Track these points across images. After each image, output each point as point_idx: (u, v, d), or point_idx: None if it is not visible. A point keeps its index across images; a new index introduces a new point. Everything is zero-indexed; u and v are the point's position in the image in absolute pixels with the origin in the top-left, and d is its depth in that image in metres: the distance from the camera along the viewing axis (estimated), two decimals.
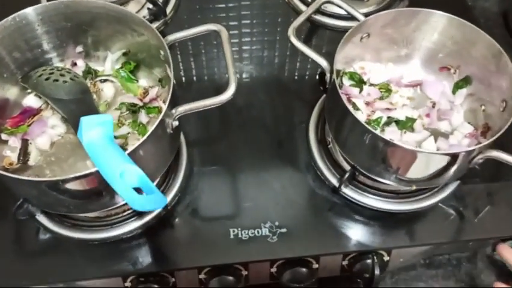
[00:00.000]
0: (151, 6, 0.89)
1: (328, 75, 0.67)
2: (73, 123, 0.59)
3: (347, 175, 0.71)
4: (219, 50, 0.90)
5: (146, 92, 0.73)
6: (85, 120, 0.52)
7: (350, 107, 0.62)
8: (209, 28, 0.63)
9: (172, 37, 0.64)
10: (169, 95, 0.58)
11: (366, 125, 0.61)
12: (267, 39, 0.92)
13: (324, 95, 0.83)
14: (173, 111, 0.59)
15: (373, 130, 0.61)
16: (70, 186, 0.55)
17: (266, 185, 0.76)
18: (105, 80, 0.74)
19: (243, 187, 0.76)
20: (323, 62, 0.66)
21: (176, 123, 0.60)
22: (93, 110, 0.61)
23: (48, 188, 0.55)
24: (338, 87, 0.62)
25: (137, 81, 0.74)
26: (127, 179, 0.47)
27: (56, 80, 0.63)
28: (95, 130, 0.52)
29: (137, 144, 0.54)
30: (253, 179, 0.77)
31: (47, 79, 0.64)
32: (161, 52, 0.65)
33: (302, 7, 0.94)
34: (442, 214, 0.75)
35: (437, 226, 0.74)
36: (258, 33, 0.92)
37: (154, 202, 0.45)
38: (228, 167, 0.78)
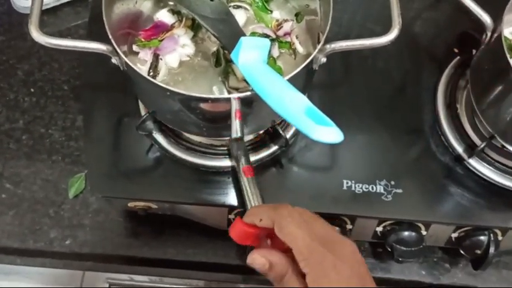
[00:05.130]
0: None
1: (489, 33, 0.62)
2: (225, 42, 0.56)
3: (481, 146, 0.66)
4: None
5: (280, 25, 0.70)
6: (245, 41, 0.50)
7: None
8: None
9: None
10: (327, 28, 0.55)
11: None
12: None
13: (458, 58, 0.78)
14: (327, 46, 0.55)
15: None
16: (210, 107, 0.54)
17: (385, 142, 0.72)
18: (238, 7, 0.71)
19: (361, 140, 0.72)
20: (487, 18, 0.61)
21: (324, 60, 0.56)
22: (240, 32, 0.58)
23: (188, 103, 0.54)
24: (504, 45, 0.57)
25: (271, 12, 0.71)
26: (293, 107, 0.44)
27: None
28: (253, 52, 0.50)
29: (290, 76, 0.51)
30: (372, 133, 0.73)
31: None
32: None
33: None
34: None
35: None
36: None
37: (330, 133, 0.43)
38: (347, 116, 0.74)
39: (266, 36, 0.68)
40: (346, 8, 0.84)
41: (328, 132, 0.43)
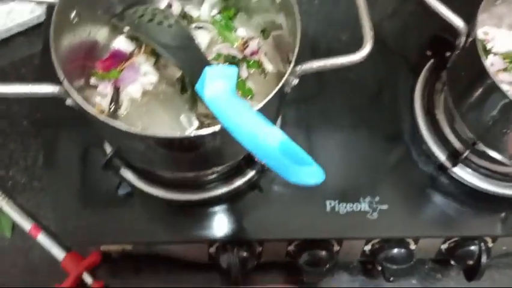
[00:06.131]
0: None
1: (463, 38, 0.59)
2: (188, 73, 0.52)
3: (465, 154, 0.64)
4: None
5: (246, 43, 0.66)
6: (210, 72, 0.46)
7: (491, 71, 0.55)
8: None
9: None
10: (296, 50, 0.51)
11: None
12: None
13: (432, 61, 0.76)
14: (298, 68, 0.52)
15: None
16: (176, 145, 0.50)
17: (366, 156, 0.70)
18: (200, 27, 0.67)
19: (341, 155, 0.69)
20: (460, 23, 0.58)
21: (296, 81, 0.53)
22: (204, 59, 0.54)
23: (158, 144, 0.49)
24: (479, 50, 0.55)
25: (235, 30, 0.67)
26: (268, 145, 0.41)
27: (160, 23, 0.56)
28: (219, 83, 0.46)
29: (261, 106, 0.48)
30: (352, 148, 0.70)
31: (149, 21, 0.57)
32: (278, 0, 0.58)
33: None
34: None
35: None
36: None
37: (310, 175, 0.39)
38: (324, 130, 0.71)
39: (233, 57, 0.65)
40: (312, 17, 0.81)
41: (308, 174, 0.39)
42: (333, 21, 0.81)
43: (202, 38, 0.67)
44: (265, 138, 0.41)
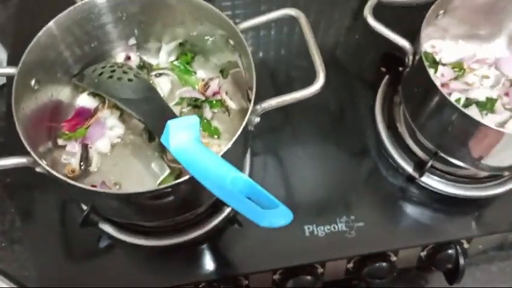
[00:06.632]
0: None
1: (410, 57, 0.62)
2: (151, 125, 0.53)
3: (429, 164, 0.67)
4: (285, 37, 0.85)
5: (207, 85, 0.68)
6: (173, 125, 0.47)
7: (439, 85, 0.58)
8: (287, 13, 0.58)
9: (244, 25, 0.58)
10: (254, 89, 0.53)
11: (460, 107, 0.57)
12: (324, 18, 0.86)
13: (387, 77, 0.79)
14: (258, 107, 0.54)
15: (466, 111, 0.57)
16: (146, 199, 0.51)
17: (337, 177, 0.72)
18: (160, 75, 0.69)
19: (313, 179, 0.71)
20: (405, 44, 0.61)
21: (258, 119, 0.55)
22: (166, 108, 0.56)
23: (122, 199, 0.50)
24: (426, 67, 0.57)
25: (195, 73, 0.69)
26: (235, 189, 0.42)
27: (120, 79, 0.57)
28: (183, 134, 0.47)
29: (229, 147, 0.49)
30: (322, 170, 0.72)
31: (109, 77, 0.58)
32: (231, 42, 0.60)
33: None
34: None
35: None
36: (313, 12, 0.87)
37: (279, 217, 0.41)
38: (294, 157, 0.73)
39: (196, 100, 0.66)
40: (270, 47, 0.83)
41: (276, 216, 0.41)
42: (290, 49, 0.84)
43: (163, 85, 0.68)
44: (233, 184, 0.42)
